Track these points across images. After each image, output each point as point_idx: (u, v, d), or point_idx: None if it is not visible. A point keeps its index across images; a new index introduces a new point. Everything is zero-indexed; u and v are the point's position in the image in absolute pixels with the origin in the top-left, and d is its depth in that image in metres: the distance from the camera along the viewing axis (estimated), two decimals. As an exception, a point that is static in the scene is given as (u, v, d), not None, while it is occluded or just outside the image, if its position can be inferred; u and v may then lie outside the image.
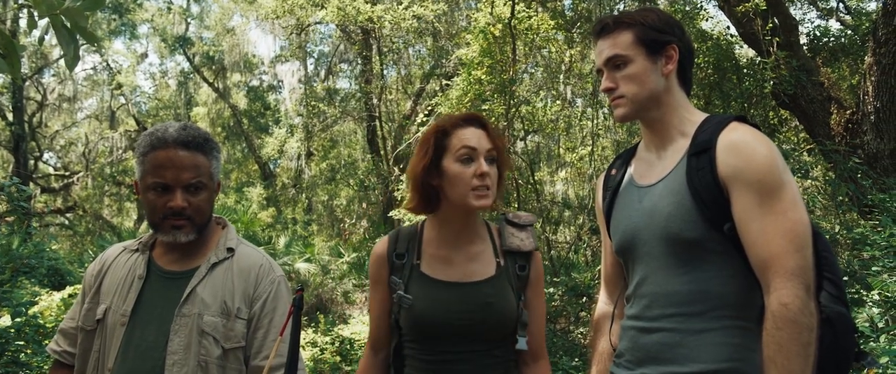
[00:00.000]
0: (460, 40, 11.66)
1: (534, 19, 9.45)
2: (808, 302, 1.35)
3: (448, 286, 1.76)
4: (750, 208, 1.42)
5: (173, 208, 1.71)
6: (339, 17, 12.04)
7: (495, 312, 1.72)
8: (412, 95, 16.85)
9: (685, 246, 1.51)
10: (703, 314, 1.49)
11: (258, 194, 18.90)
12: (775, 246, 1.38)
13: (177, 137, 1.72)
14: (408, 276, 1.80)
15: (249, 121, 21.25)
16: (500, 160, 1.76)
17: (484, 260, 1.79)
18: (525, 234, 1.82)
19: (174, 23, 21.33)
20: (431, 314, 1.74)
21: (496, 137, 1.76)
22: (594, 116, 9.99)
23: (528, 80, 11.28)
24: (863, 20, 9.88)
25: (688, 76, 1.67)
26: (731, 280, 1.48)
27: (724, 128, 1.51)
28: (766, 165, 1.42)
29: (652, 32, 1.61)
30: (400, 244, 1.85)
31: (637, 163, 1.73)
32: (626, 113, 1.64)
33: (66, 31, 1.73)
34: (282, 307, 1.80)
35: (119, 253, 1.88)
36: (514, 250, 1.79)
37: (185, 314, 1.71)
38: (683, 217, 1.50)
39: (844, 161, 6.14)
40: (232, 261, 1.81)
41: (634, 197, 1.66)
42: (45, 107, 21.06)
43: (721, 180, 1.46)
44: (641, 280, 1.61)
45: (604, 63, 1.64)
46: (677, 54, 1.62)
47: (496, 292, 1.74)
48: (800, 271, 1.36)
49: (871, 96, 6.48)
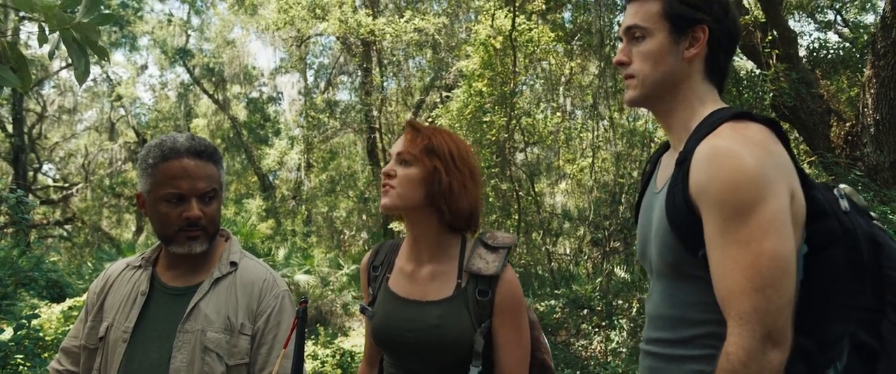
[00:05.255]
0: (460, 53, 11.71)
1: (534, 32, 9.50)
2: (758, 354, 1.13)
3: (403, 303, 1.72)
4: (713, 233, 1.21)
5: (190, 219, 1.69)
6: (341, 29, 12.10)
7: (440, 335, 1.62)
8: (412, 107, 16.89)
9: (669, 268, 1.35)
10: (685, 341, 1.33)
11: (257, 205, 18.86)
12: (731, 282, 1.17)
13: (189, 147, 1.71)
14: (378, 288, 1.79)
15: (249, 132, 21.26)
16: (423, 162, 1.65)
17: (443, 280, 1.69)
18: (494, 256, 1.66)
19: (174, 35, 21.39)
20: (384, 329, 1.72)
21: (418, 140, 1.67)
22: (594, 127, 10.01)
23: (527, 92, 11.32)
24: (861, 33, 9.94)
25: (719, 67, 1.42)
26: (714, 308, 1.24)
27: (712, 131, 1.28)
28: (732, 180, 1.18)
29: (681, 7, 1.37)
30: (378, 256, 1.84)
31: (664, 160, 1.52)
32: (635, 97, 1.44)
33: (77, 45, 1.73)
34: (286, 322, 1.78)
35: (122, 270, 1.86)
36: (475, 272, 1.64)
37: (188, 330, 1.69)
38: (662, 238, 1.34)
39: (845, 173, 6.15)
40: (235, 275, 1.79)
41: (650, 202, 1.48)
42: (44, 118, 21.07)
43: (692, 199, 1.25)
44: (648, 298, 1.50)
45: (624, 32, 1.44)
46: (705, 37, 1.38)
47: (444, 315, 1.64)
48: (754, 316, 1.14)
49: (871, 109, 6.50)
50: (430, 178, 1.64)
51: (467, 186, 1.66)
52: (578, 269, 10.32)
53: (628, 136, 9.60)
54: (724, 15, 1.39)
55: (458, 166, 1.66)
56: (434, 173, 1.64)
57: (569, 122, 11.08)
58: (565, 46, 10.23)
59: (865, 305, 1.22)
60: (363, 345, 2.03)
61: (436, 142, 1.67)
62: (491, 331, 1.64)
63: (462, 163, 1.67)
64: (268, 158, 19.63)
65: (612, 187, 9.01)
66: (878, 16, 8.15)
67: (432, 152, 1.65)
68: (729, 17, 1.40)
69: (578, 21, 10.37)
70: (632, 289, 7.83)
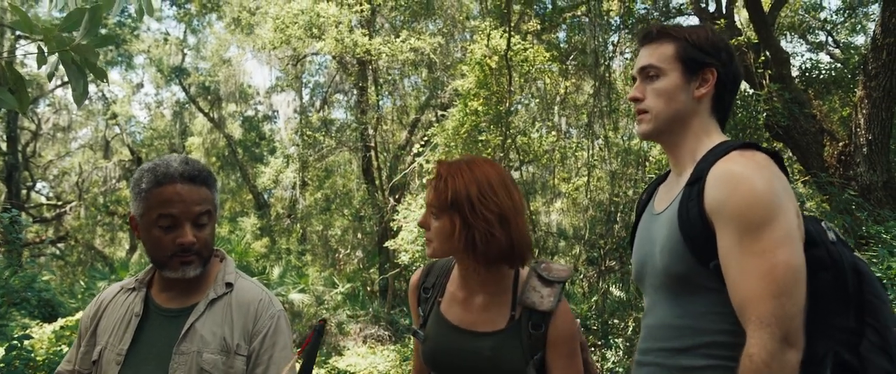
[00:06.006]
0: (455, 72, 11.78)
1: (529, 51, 9.57)
2: (779, 355, 1.25)
3: (456, 331, 1.73)
4: (730, 246, 1.33)
5: (183, 244, 1.68)
6: (337, 48, 12.16)
7: (492, 367, 1.65)
8: (407, 126, 16.94)
9: (677, 280, 1.45)
10: (690, 350, 1.43)
11: (252, 224, 18.80)
12: (750, 290, 1.29)
13: (182, 172, 1.70)
14: (429, 310, 1.80)
15: (244, 151, 21.26)
16: (446, 216, 1.64)
17: (496, 311, 1.70)
18: (548, 291, 1.66)
19: (171, 53, 21.47)
20: (437, 355, 1.74)
21: (440, 190, 1.65)
22: (589, 146, 10.06)
23: (523, 111, 11.38)
24: (852, 54, 10.06)
25: (723, 105, 1.57)
26: (723, 318, 1.38)
27: (723, 156, 1.42)
28: (748, 200, 1.31)
29: (694, 51, 1.52)
30: (429, 277, 1.85)
31: (663, 187, 1.65)
32: (649, 131, 1.56)
33: (75, 66, 1.74)
34: (281, 342, 1.77)
35: (116, 294, 1.85)
36: (529, 306, 1.65)
37: (183, 351, 1.67)
38: (672, 250, 1.44)
39: (839, 193, 6.18)
40: (231, 296, 1.78)
41: (648, 224, 1.61)
42: (39, 136, 21.04)
43: (707, 214, 1.38)
44: (646, 312, 1.59)
45: (638, 71, 1.58)
46: (714, 79, 1.53)
47: (498, 347, 1.66)
48: (773, 320, 1.26)
49: (863, 129, 6.56)
50: (453, 233, 1.62)
51: (494, 233, 1.59)
52: (574, 288, 10.30)
53: (623, 154, 9.64)
54: (730, 60, 1.54)
55: (482, 213, 1.60)
56: (454, 228, 1.62)
57: (564, 141, 11.13)
58: (560, 66, 10.32)
59: (848, 326, 1.35)
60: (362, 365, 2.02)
61: (453, 192, 1.62)
62: (544, 362, 1.66)
63: (486, 208, 1.60)
64: (263, 177, 19.61)
65: (608, 205, 9.03)
66: (868, 37, 8.26)
67: (452, 205, 1.62)
68: (734, 62, 1.56)
69: (573, 41, 10.48)
70: (627, 308, 7.81)
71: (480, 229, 1.59)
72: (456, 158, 1.78)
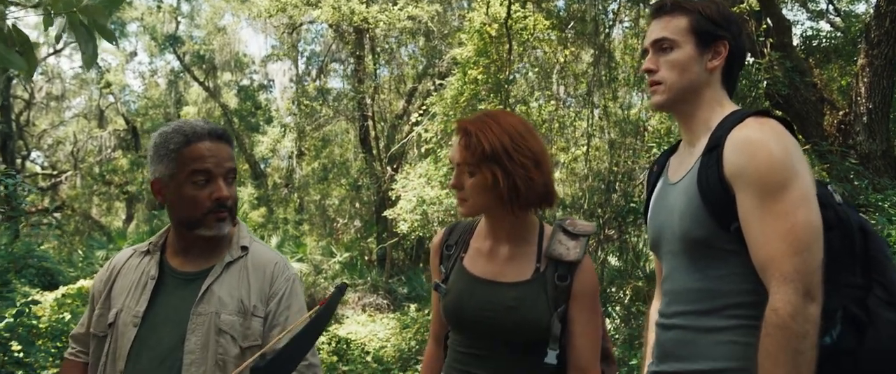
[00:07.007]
0: (453, 40, 11.67)
1: (528, 19, 9.47)
2: (802, 308, 1.31)
3: (479, 282, 1.75)
4: (751, 208, 1.39)
5: (220, 199, 1.69)
6: (334, 16, 12.02)
7: (515, 318, 1.67)
8: (405, 95, 16.83)
9: (697, 245, 1.50)
10: (714, 312, 1.48)
11: (249, 193, 18.79)
12: (773, 248, 1.35)
13: (209, 130, 1.72)
14: (451, 266, 1.82)
15: (240, 120, 21.13)
16: (483, 171, 1.67)
17: (522, 262, 1.73)
18: (574, 243, 1.70)
19: (164, 21, 21.18)
20: (457, 308, 1.75)
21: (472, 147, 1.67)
22: (588, 116, 10.02)
23: (522, 80, 11.31)
24: (852, 22, 9.99)
25: (733, 77, 1.64)
26: (744, 279, 1.44)
27: (738, 123, 1.47)
28: (767, 164, 1.37)
29: (707, 23, 1.57)
30: (453, 236, 1.88)
31: (674, 159, 1.70)
32: (662, 101, 1.61)
33: (84, 29, 1.71)
34: (296, 305, 1.79)
35: (129, 257, 1.86)
36: (556, 257, 1.69)
37: (201, 312, 1.69)
38: (693, 216, 1.49)
39: (839, 162, 6.20)
40: (246, 259, 1.79)
41: (664, 194, 1.66)
42: (32, 105, 20.86)
43: (726, 179, 1.44)
44: (665, 277, 1.63)
45: (651, 44, 1.61)
46: (726, 52, 1.58)
47: (522, 297, 1.68)
48: (796, 276, 1.32)
49: (864, 97, 6.55)
50: (495, 184, 1.65)
51: (533, 176, 1.66)
52: (572, 257, 10.34)
53: (622, 124, 9.61)
54: (739, 33, 1.61)
55: (519, 160, 1.65)
56: (495, 180, 1.65)
57: (563, 110, 11.08)
58: (559, 34, 10.21)
59: (856, 283, 1.42)
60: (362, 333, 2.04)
61: (489, 144, 1.65)
62: (566, 316, 1.68)
63: (521, 154, 1.66)
64: (259, 146, 19.54)
65: (606, 175, 9.03)
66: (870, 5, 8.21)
67: (491, 158, 1.65)
68: (743, 35, 1.63)
69: (572, 9, 10.36)
70: (625, 277, 7.87)
71: (520, 176, 1.65)
72: (474, 115, 1.81)
